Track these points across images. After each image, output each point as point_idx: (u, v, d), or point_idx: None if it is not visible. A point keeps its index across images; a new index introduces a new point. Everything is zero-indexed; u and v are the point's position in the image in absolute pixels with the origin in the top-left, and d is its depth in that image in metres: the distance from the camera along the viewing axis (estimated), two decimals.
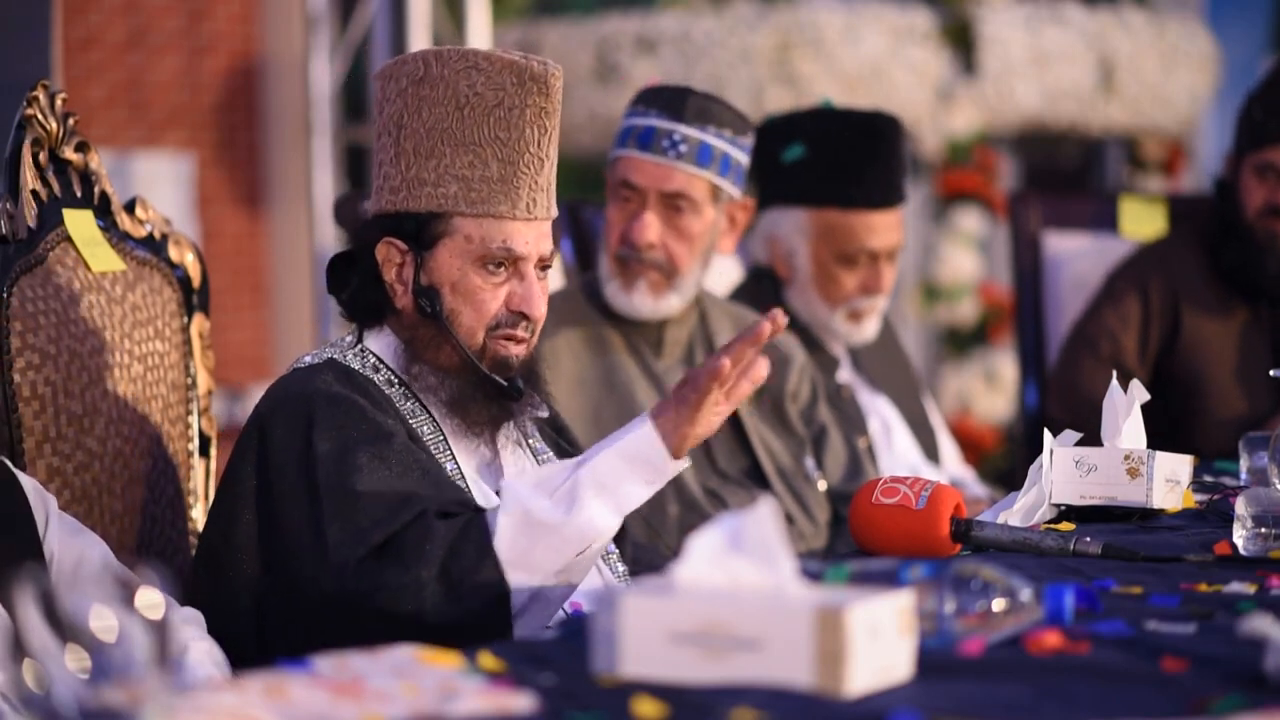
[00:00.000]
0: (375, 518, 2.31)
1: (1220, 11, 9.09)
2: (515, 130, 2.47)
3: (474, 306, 2.49)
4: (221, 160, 7.10)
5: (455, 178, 2.46)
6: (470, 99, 2.46)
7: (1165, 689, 1.71)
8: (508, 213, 2.47)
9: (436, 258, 2.49)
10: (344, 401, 2.43)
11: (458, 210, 2.47)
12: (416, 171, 2.48)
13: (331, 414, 2.41)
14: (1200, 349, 4.13)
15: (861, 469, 3.56)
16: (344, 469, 2.35)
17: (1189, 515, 2.68)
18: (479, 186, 2.46)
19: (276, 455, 2.41)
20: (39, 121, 2.64)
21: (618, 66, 7.32)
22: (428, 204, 2.48)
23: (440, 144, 2.47)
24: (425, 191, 2.48)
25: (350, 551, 2.30)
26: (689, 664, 1.68)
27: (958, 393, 7.37)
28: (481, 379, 2.50)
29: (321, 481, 2.36)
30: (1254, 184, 4.06)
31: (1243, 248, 4.07)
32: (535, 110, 2.47)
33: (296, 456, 2.39)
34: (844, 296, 3.71)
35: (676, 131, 3.27)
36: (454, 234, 2.48)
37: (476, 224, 2.47)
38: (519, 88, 2.46)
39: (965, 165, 7.35)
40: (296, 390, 2.46)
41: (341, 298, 2.58)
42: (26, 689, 1.40)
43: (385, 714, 1.59)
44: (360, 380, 2.48)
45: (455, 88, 2.46)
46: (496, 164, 2.46)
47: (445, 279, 2.49)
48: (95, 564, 2.32)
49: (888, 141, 3.69)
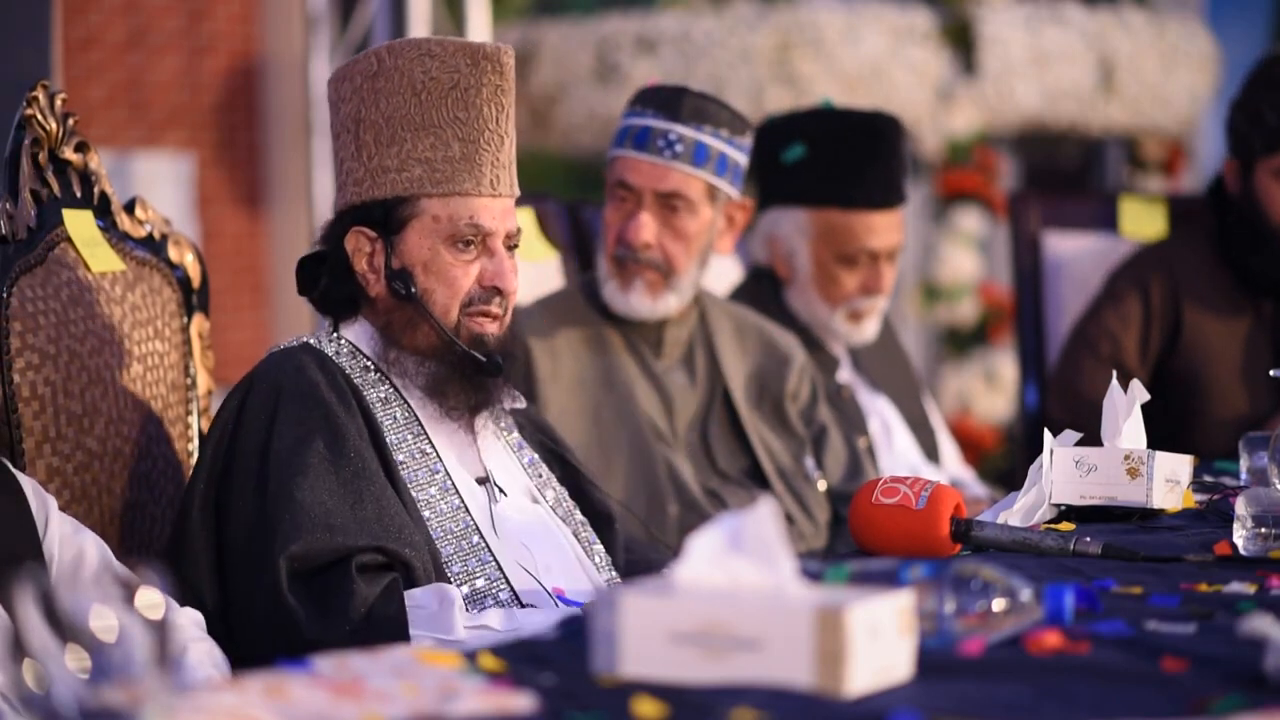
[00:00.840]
0: (308, 533, 2.39)
1: (1220, 11, 9.09)
2: (473, 109, 2.52)
3: (447, 284, 2.54)
4: (221, 160, 7.10)
5: (418, 161, 2.51)
6: (426, 84, 2.51)
7: (1165, 689, 1.71)
8: (473, 190, 2.53)
9: (406, 241, 2.54)
10: (309, 398, 2.48)
11: (423, 192, 2.52)
12: (379, 160, 2.53)
13: (295, 409, 2.47)
14: (1201, 349, 4.12)
15: (861, 469, 3.56)
16: (292, 469, 2.42)
17: (1189, 515, 2.68)
18: (442, 167, 2.52)
19: (241, 441, 2.48)
20: (39, 121, 2.64)
21: (618, 66, 7.32)
22: (393, 189, 2.53)
23: (400, 130, 2.52)
24: (389, 178, 2.52)
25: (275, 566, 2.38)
26: (689, 664, 1.68)
27: (958, 393, 7.37)
28: (460, 356, 2.55)
29: (270, 477, 2.43)
30: (1275, 189, 4.02)
31: (1270, 253, 4.03)
32: (491, 89, 2.53)
33: (256, 447, 2.46)
34: (844, 297, 3.71)
35: (672, 131, 3.27)
36: (421, 215, 2.53)
37: (443, 203, 2.53)
38: (474, 68, 2.52)
39: (965, 165, 7.35)
40: (271, 378, 2.51)
41: (313, 296, 2.62)
42: (26, 689, 1.40)
43: (385, 714, 1.58)
44: (332, 367, 2.54)
45: (410, 75, 2.52)
46: (458, 144, 2.52)
47: (417, 260, 2.54)
48: (95, 564, 2.32)
49: (888, 142, 3.69)
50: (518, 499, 2.63)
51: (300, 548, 2.38)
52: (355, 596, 2.36)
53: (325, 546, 2.39)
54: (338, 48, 6.73)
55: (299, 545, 2.38)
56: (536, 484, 2.68)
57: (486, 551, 2.52)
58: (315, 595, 2.39)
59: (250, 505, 2.45)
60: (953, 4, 7.50)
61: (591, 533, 2.71)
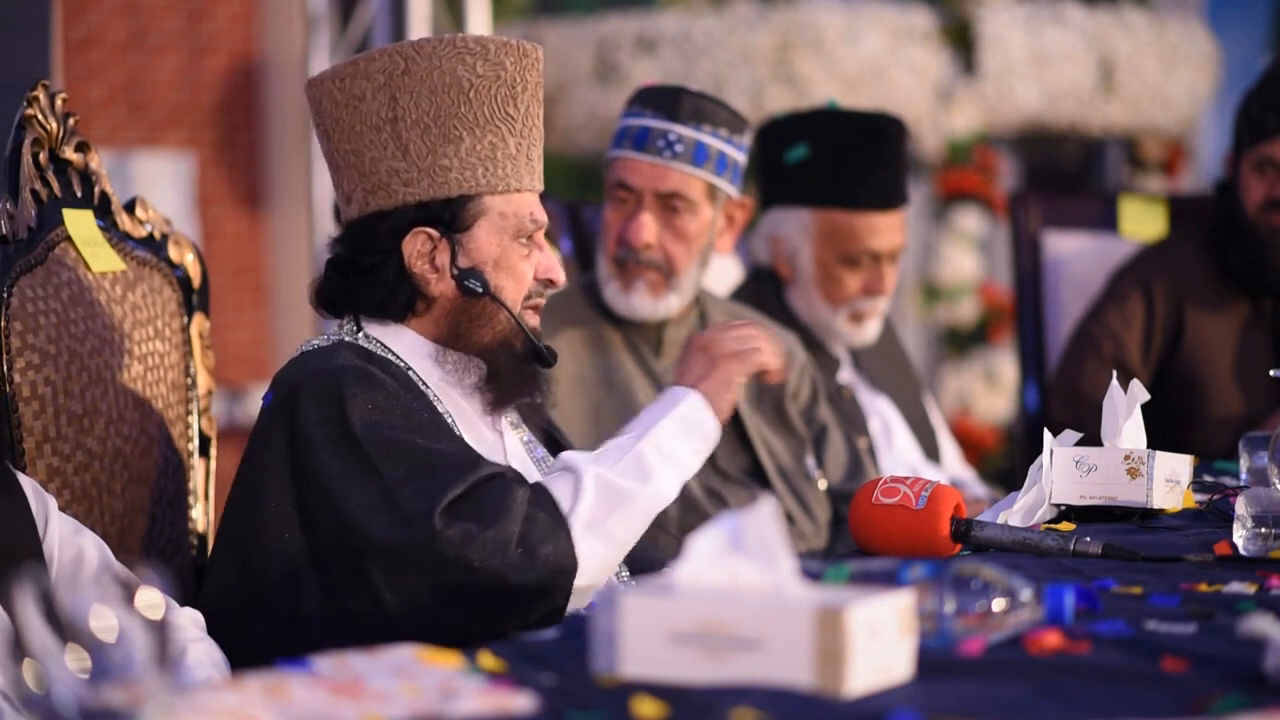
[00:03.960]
0: (446, 476, 2.35)
1: (1220, 11, 9.09)
2: (521, 105, 2.54)
3: (515, 279, 2.57)
4: (221, 160, 7.09)
5: (480, 159, 2.52)
6: (474, 82, 2.51)
7: (1165, 689, 1.71)
8: (529, 185, 2.57)
9: (475, 238, 2.54)
10: (371, 377, 2.45)
11: (489, 189, 2.53)
12: (434, 160, 2.51)
13: (362, 388, 2.43)
14: (1202, 349, 4.13)
15: (862, 469, 3.56)
16: (391, 435, 2.39)
17: (1189, 515, 2.68)
18: (504, 164, 2.53)
19: (312, 430, 2.41)
20: (39, 121, 2.64)
21: (618, 66, 7.32)
22: (457, 188, 2.52)
23: (455, 129, 2.51)
24: (451, 177, 2.52)
25: (429, 504, 2.33)
26: (689, 664, 1.68)
27: (958, 393, 7.37)
28: (524, 348, 2.57)
29: (372, 450, 2.38)
30: (1253, 180, 4.06)
31: (1246, 245, 4.07)
32: (534, 85, 2.56)
33: (334, 431, 2.40)
34: (846, 297, 3.71)
35: (672, 131, 3.27)
36: (488, 213, 2.54)
37: (506, 200, 2.55)
38: (519, 65, 2.54)
39: (965, 165, 7.35)
40: (320, 367, 2.47)
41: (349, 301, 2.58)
42: (26, 689, 1.40)
43: (385, 714, 1.59)
44: (378, 359, 2.51)
45: (454, 74, 2.51)
46: (513, 140, 2.54)
47: (488, 257, 2.55)
48: (95, 564, 2.32)
49: (892, 143, 3.69)
50: None
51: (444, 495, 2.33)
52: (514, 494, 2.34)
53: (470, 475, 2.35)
54: (338, 48, 6.73)
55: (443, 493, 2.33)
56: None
57: None
58: (473, 508, 2.33)
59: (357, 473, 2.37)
60: (953, 4, 7.50)
61: None
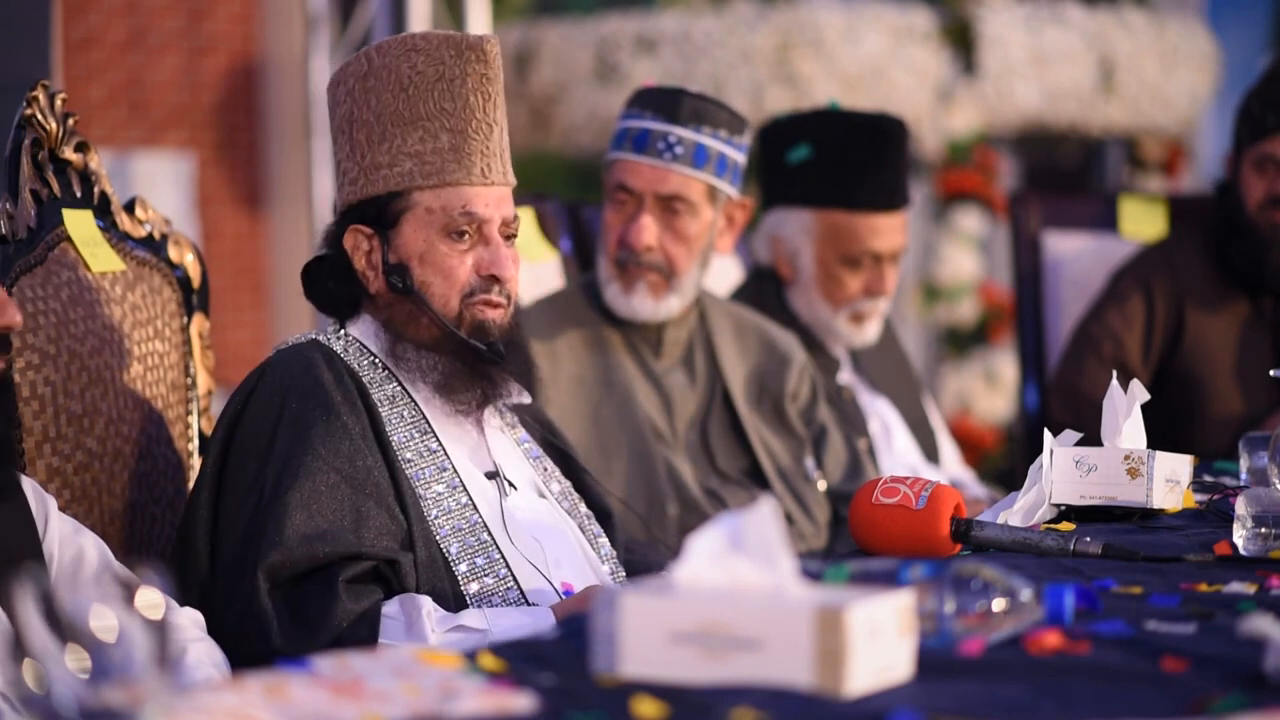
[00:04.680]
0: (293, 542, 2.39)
1: (1220, 11, 9.09)
2: (459, 100, 2.54)
3: (444, 275, 2.56)
4: (221, 160, 7.10)
5: (408, 155, 2.53)
6: (413, 78, 2.53)
7: (1165, 689, 1.71)
8: (464, 179, 2.54)
9: (401, 234, 2.56)
10: (314, 398, 2.49)
11: (415, 185, 2.54)
12: (371, 158, 2.55)
13: (299, 410, 2.48)
14: (1202, 349, 4.12)
15: (861, 469, 3.56)
16: (290, 472, 2.43)
17: (1189, 515, 2.68)
18: (432, 159, 2.54)
19: (244, 440, 2.50)
20: (39, 121, 2.64)
21: (618, 66, 7.32)
22: (385, 185, 2.55)
23: (390, 127, 2.54)
24: (381, 174, 2.55)
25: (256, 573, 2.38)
26: (689, 664, 1.68)
27: (958, 393, 7.37)
28: (461, 346, 2.55)
29: (268, 480, 2.44)
30: (1253, 178, 4.06)
31: (1246, 243, 4.07)
32: (476, 78, 2.55)
33: (258, 448, 2.48)
34: (847, 298, 3.71)
35: (671, 133, 3.27)
36: (415, 208, 2.55)
37: (435, 195, 2.55)
38: (458, 59, 2.54)
39: (965, 165, 7.35)
40: (278, 378, 2.53)
41: (319, 299, 2.63)
42: (26, 689, 1.40)
43: (385, 714, 1.59)
44: (339, 365, 2.55)
45: (397, 72, 2.54)
46: (446, 135, 2.53)
47: (413, 253, 2.56)
48: (95, 564, 2.32)
49: (894, 144, 3.69)
50: (526, 493, 2.64)
51: (281, 556, 2.39)
52: (334, 610, 2.38)
53: (305, 555, 2.40)
54: (338, 48, 6.73)
55: (280, 554, 2.39)
56: (542, 478, 2.69)
57: (494, 549, 2.52)
58: (294, 604, 2.40)
59: (245, 506, 2.46)
60: (953, 4, 7.49)
61: (596, 525, 2.72)
